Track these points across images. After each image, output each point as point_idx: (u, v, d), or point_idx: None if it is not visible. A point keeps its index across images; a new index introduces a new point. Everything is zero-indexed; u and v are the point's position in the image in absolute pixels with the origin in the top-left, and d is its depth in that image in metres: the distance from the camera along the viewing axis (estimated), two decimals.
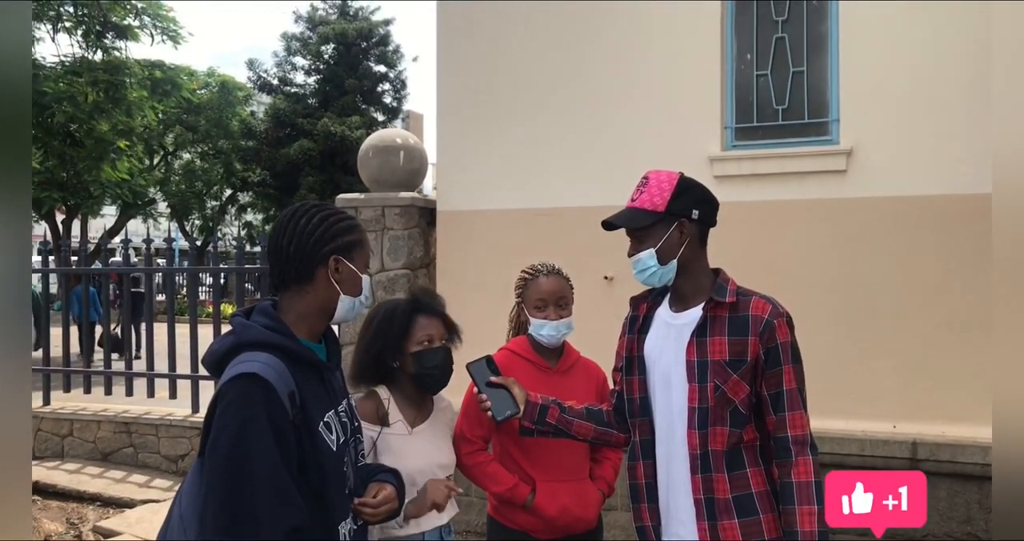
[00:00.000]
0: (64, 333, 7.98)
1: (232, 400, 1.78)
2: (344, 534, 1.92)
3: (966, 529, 4.69)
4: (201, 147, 26.80)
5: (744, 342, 2.25)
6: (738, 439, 2.27)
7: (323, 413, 1.92)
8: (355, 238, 2.02)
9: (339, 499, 1.93)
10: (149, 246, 7.54)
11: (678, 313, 2.39)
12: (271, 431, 1.76)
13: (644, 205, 2.33)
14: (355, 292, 2.01)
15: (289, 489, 1.77)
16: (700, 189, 2.39)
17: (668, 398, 2.35)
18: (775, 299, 2.34)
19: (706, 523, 2.26)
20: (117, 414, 7.25)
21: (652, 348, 2.42)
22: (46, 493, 6.42)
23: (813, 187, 5.12)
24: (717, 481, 2.25)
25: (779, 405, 2.25)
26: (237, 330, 1.93)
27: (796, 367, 2.28)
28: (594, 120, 5.61)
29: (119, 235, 19.82)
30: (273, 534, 1.71)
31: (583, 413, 2.61)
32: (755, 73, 5.38)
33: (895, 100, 4.95)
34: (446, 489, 2.59)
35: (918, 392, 4.88)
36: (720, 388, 2.24)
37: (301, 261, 1.96)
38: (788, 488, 2.21)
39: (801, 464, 2.21)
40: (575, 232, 5.32)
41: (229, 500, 1.73)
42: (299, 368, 1.89)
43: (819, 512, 2.17)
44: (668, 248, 2.32)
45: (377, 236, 5.88)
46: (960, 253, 4.76)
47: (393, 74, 25.99)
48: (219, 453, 1.75)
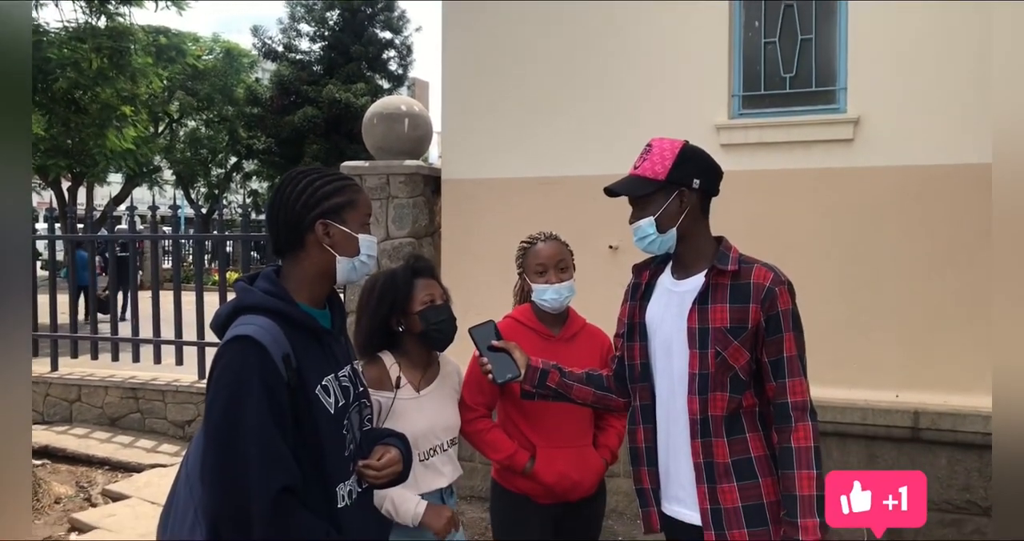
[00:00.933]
0: (71, 299, 8.02)
1: (227, 363, 1.82)
2: (343, 495, 1.94)
3: (965, 496, 4.73)
4: (206, 114, 26.73)
5: (745, 309, 2.26)
6: (737, 405, 2.29)
7: (321, 377, 1.93)
8: (344, 199, 1.99)
9: (336, 461, 1.95)
10: (154, 213, 7.54)
11: (680, 280, 2.41)
12: (263, 393, 1.79)
13: (645, 173, 2.34)
14: (351, 252, 2.00)
15: (279, 450, 1.79)
16: (703, 158, 2.39)
17: (669, 364, 2.37)
18: (777, 267, 2.34)
19: (705, 487, 2.29)
20: (124, 380, 7.31)
21: (654, 315, 2.44)
22: (56, 457, 6.50)
23: (819, 156, 5.10)
24: (717, 446, 2.28)
25: (779, 372, 2.27)
26: (239, 294, 1.95)
27: (797, 334, 2.29)
28: (600, 88, 5.58)
29: (124, 203, 19.86)
30: (262, 492, 1.74)
31: (583, 378, 2.63)
32: (763, 41, 5.33)
33: (903, 69, 4.92)
34: (446, 518, 2.64)
35: (921, 362, 4.89)
36: (721, 354, 2.26)
37: (291, 229, 1.96)
38: (788, 453, 2.23)
39: (801, 429, 2.23)
40: (580, 201, 5.31)
41: (221, 459, 1.77)
42: (296, 332, 1.91)
43: (818, 477, 2.20)
44: (667, 216, 2.33)
45: (382, 204, 5.88)
46: (966, 224, 4.75)
47: (399, 40, 25.82)
48: (214, 414, 1.80)
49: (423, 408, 2.72)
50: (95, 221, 19.36)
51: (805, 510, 2.17)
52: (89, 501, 5.65)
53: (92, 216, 18.57)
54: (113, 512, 5.32)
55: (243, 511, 1.74)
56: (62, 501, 5.62)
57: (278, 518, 1.75)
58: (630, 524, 5.08)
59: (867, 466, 4.90)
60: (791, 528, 2.19)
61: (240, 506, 1.74)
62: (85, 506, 5.55)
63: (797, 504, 2.18)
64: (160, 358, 7.39)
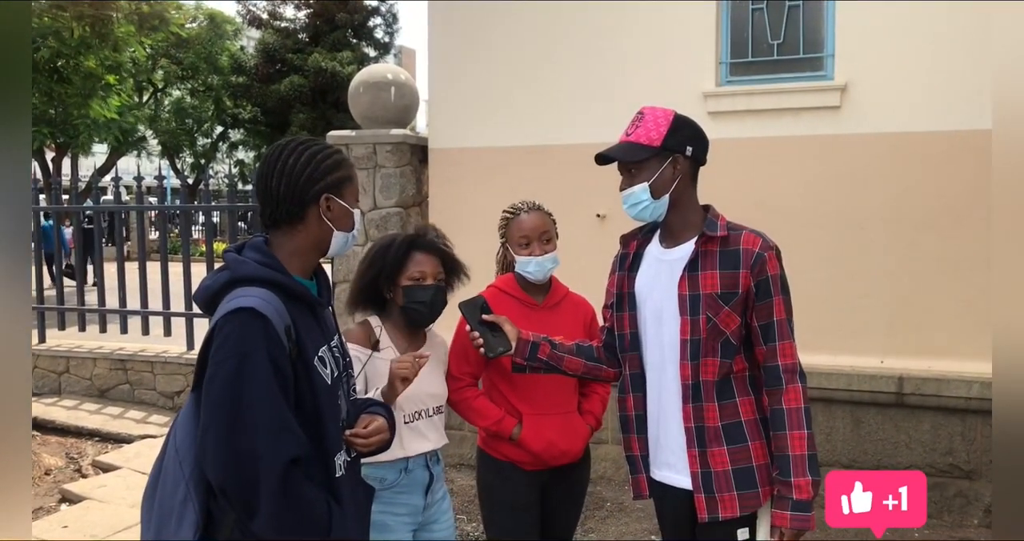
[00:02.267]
0: (56, 271, 7.98)
1: (229, 334, 1.78)
2: (339, 465, 1.96)
3: (948, 460, 4.80)
4: (191, 83, 26.46)
5: (736, 275, 2.29)
6: (728, 369, 2.32)
7: (317, 348, 1.93)
8: (344, 174, 2.00)
9: (334, 432, 1.96)
10: (140, 184, 7.49)
11: (669, 249, 2.42)
12: (269, 365, 1.77)
13: (640, 139, 2.34)
14: (348, 227, 2.02)
15: (288, 421, 1.79)
16: (694, 126, 2.41)
17: (659, 332, 2.39)
18: (764, 233, 2.36)
19: (696, 450, 2.32)
20: (113, 351, 7.30)
21: (643, 284, 2.45)
22: (45, 428, 6.51)
23: (807, 123, 5.10)
24: (708, 410, 2.32)
25: (769, 335, 2.30)
26: (232, 266, 1.92)
27: (785, 298, 2.32)
28: (587, 56, 5.55)
29: (110, 173, 19.71)
30: (273, 465, 1.73)
31: (573, 349, 2.65)
32: (751, 7, 5.30)
33: (891, 35, 4.90)
34: (408, 360, 2.53)
35: (906, 328, 4.93)
36: (712, 320, 2.29)
37: (292, 201, 1.94)
38: (779, 414, 2.27)
39: (791, 391, 2.28)
40: (567, 169, 5.31)
41: (228, 434, 1.74)
42: (293, 303, 1.90)
43: (809, 436, 2.25)
44: (661, 183, 2.34)
45: (369, 174, 5.85)
46: (951, 190, 4.77)
47: (385, 8, 25.54)
48: (217, 387, 1.76)
49: None
50: (80, 192, 19.21)
51: (798, 469, 2.22)
52: (79, 472, 5.67)
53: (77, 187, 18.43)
54: (104, 483, 5.34)
55: (252, 482, 1.73)
56: (52, 472, 5.64)
57: (286, 490, 1.75)
58: (618, 490, 5.13)
59: (852, 430, 4.96)
60: (784, 487, 2.23)
61: (249, 477, 1.73)
62: (75, 477, 5.57)
63: (790, 463, 2.23)
64: (148, 329, 7.38)
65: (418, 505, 2.74)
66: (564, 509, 3.09)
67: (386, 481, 2.68)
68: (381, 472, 2.66)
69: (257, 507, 1.74)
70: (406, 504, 2.71)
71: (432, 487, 2.79)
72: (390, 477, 2.69)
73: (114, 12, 15.61)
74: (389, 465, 2.67)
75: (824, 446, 5.02)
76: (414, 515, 2.74)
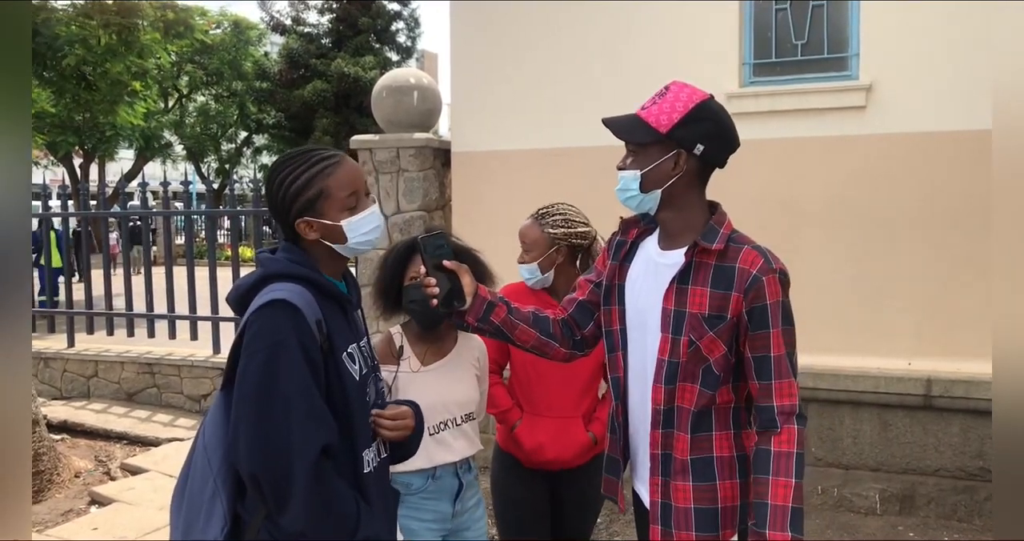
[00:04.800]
0: (86, 276, 8.05)
1: (262, 326, 1.79)
2: (367, 461, 1.97)
3: (978, 464, 4.74)
4: (215, 89, 26.69)
5: (726, 297, 2.00)
6: (709, 400, 2.05)
7: (347, 344, 1.95)
8: (315, 192, 1.92)
9: (363, 427, 1.97)
10: (166, 189, 7.55)
11: (665, 251, 2.15)
12: (301, 354, 1.78)
13: (648, 118, 2.05)
14: (339, 240, 1.96)
15: (320, 409, 1.80)
16: (718, 123, 2.08)
17: (643, 339, 2.15)
18: (770, 252, 2.05)
19: (659, 479, 2.10)
20: (140, 355, 7.36)
21: (634, 281, 2.21)
22: (74, 432, 6.57)
23: (832, 123, 5.06)
24: (678, 439, 2.07)
25: (765, 372, 2.01)
26: (264, 263, 1.94)
27: (787, 329, 2.01)
28: (609, 58, 5.54)
29: (136, 179, 19.91)
30: (306, 453, 1.73)
31: (530, 318, 2.31)
32: (774, 7, 5.28)
33: (916, 34, 4.86)
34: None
35: (934, 329, 4.88)
36: (694, 344, 2.02)
37: (283, 227, 1.98)
38: (764, 456, 1.97)
39: (786, 433, 1.97)
40: (590, 172, 5.29)
41: (260, 423, 1.74)
42: (324, 301, 1.92)
43: (796, 487, 1.93)
44: (655, 176, 2.06)
45: (392, 178, 5.87)
46: (977, 190, 4.72)
47: (407, 12, 25.65)
48: (249, 378, 1.77)
49: (427, 382, 2.71)
50: (108, 197, 19.41)
51: (776, 522, 1.91)
52: (108, 475, 5.72)
53: (105, 192, 18.65)
54: (132, 485, 5.38)
55: (284, 471, 1.72)
56: (82, 475, 5.69)
57: (318, 478, 1.75)
58: None
59: (880, 433, 4.92)
60: (758, 539, 1.94)
61: (282, 465, 1.73)
62: (104, 480, 5.62)
63: (768, 514, 1.93)
64: (175, 333, 7.44)
65: (446, 512, 2.72)
66: (574, 513, 3.09)
67: (412, 487, 2.68)
68: (407, 478, 2.66)
69: (289, 496, 1.73)
70: (433, 510, 2.70)
71: (462, 495, 2.76)
72: (416, 483, 2.68)
73: (140, 19, 15.76)
74: (415, 472, 2.66)
75: (851, 449, 4.99)
76: (442, 522, 2.72)
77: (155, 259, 12.77)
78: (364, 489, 1.93)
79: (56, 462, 5.51)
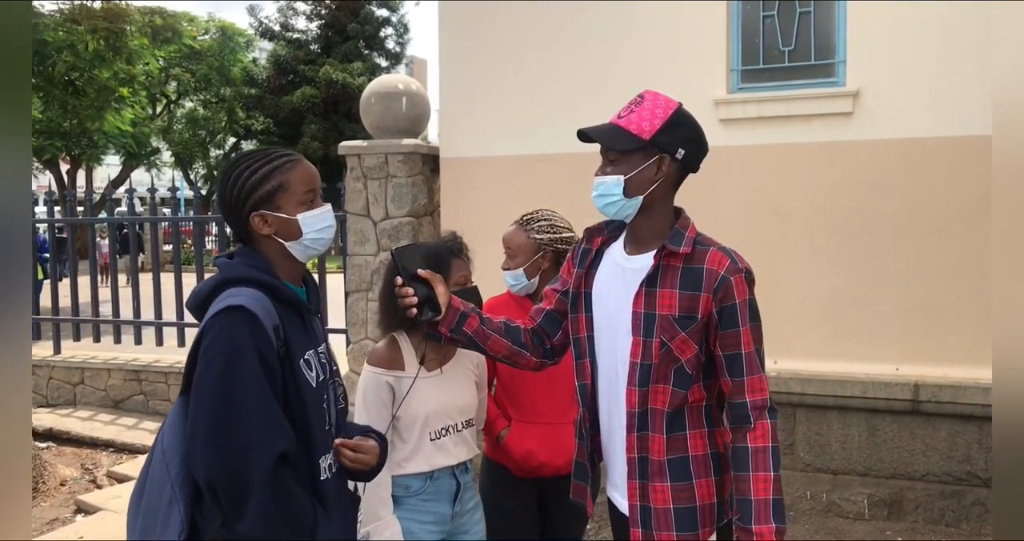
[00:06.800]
0: (72, 282, 8.01)
1: (219, 332, 1.79)
2: (324, 467, 1.96)
3: (966, 468, 4.75)
4: (204, 95, 26.65)
5: (696, 298, 2.05)
6: (682, 400, 2.09)
7: (304, 350, 1.94)
8: (274, 184, 1.93)
9: (320, 434, 1.96)
10: (153, 196, 7.53)
11: (631, 256, 2.19)
12: (258, 360, 1.78)
13: (629, 127, 2.09)
14: (296, 235, 1.96)
15: (277, 415, 1.79)
16: (694, 128, 2.14)
17: (613, 345, 2.18)
18: (735, 252, 2.11)
19: (637, 482, 2.13)
20: (127, 362, 7.33)
21: (600, 288, 2.23)
22: (60, 439, 6.54)
23: (819, 130, 5.08)
24: (653, 441, 2.11)
25: (736, 368, 2.07)
26: (222, 268, 1.94)
27: (754, 326, 2.08)
28: (597, 64, 5.55)
29: (123, 185, 19.84)
30: (263, 460, 1.73)
31: (501, 328, 2.34)
32: (761, 14, 5.29)
33: (903, 41, 4.88)
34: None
35: (921, 334, 4.90)
36: (666, 345, 2.06)
37: (234, 224, 1.96)
38: (743, 453, 2.04)
39: (760, 428, 2.04)
40: (578, 178, 5.28)
41: (218, 429, 1.74)
42: (282, 306, 1.91)
43: (775, 479, 2.02)
44: (639, 181, 2.09)
45: (381, 184, 5.87)
46: (964, 196, 4.74)
47: (396, 18, 25.69)
48: (206, 384, 1.76)
49: (431, 388, 2.70)
50: (95, 204, 19.34)
51: (761, 515, 1.99)
52: (94, 483, 5.69)
53: (91, 199, 18.57)
54: (118, 494, 5.35)
55: (241, 477, 1.73)
56: (67, 483, 5.66)
57: (275, 484, 1.75)
58: None
59: (868, 438, 4.93)
60: (745, 534, 2.01)
61: (239, 472, 1.73)
62: (90, 488, 5.59)
63: (752, 508, 2.00)
64: (162, 340, 7.41)
65: (445, 513, 2.71)
66: (563, 520, 3.08)
67: (411, 488, 2.67)
68: (406, 480, 2.66)
69: (245, 503, 1.73)
70: (433, 512, 2.69)
71: (461, 496, 2.76)
72: (415, 485, 2.67)
73: (128, 25, 15.74)
74: (414, 475, 2.66)
75: (839, 455, 4.99)
76: (441, 523, 2.71)
77: (142, 266, 12.71)
78: (322, 495, 1.92)
79: (41, 470, 5.48)
